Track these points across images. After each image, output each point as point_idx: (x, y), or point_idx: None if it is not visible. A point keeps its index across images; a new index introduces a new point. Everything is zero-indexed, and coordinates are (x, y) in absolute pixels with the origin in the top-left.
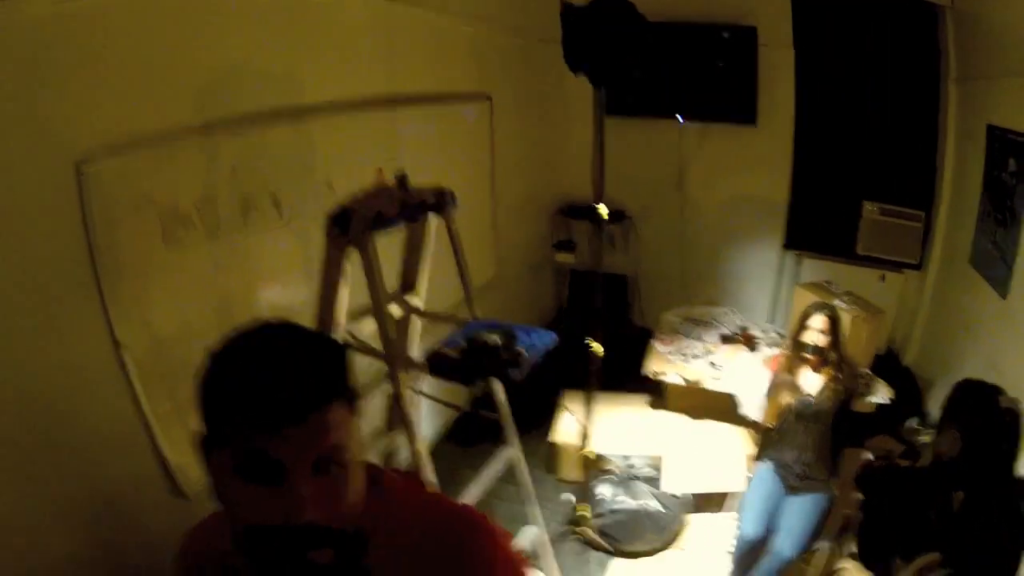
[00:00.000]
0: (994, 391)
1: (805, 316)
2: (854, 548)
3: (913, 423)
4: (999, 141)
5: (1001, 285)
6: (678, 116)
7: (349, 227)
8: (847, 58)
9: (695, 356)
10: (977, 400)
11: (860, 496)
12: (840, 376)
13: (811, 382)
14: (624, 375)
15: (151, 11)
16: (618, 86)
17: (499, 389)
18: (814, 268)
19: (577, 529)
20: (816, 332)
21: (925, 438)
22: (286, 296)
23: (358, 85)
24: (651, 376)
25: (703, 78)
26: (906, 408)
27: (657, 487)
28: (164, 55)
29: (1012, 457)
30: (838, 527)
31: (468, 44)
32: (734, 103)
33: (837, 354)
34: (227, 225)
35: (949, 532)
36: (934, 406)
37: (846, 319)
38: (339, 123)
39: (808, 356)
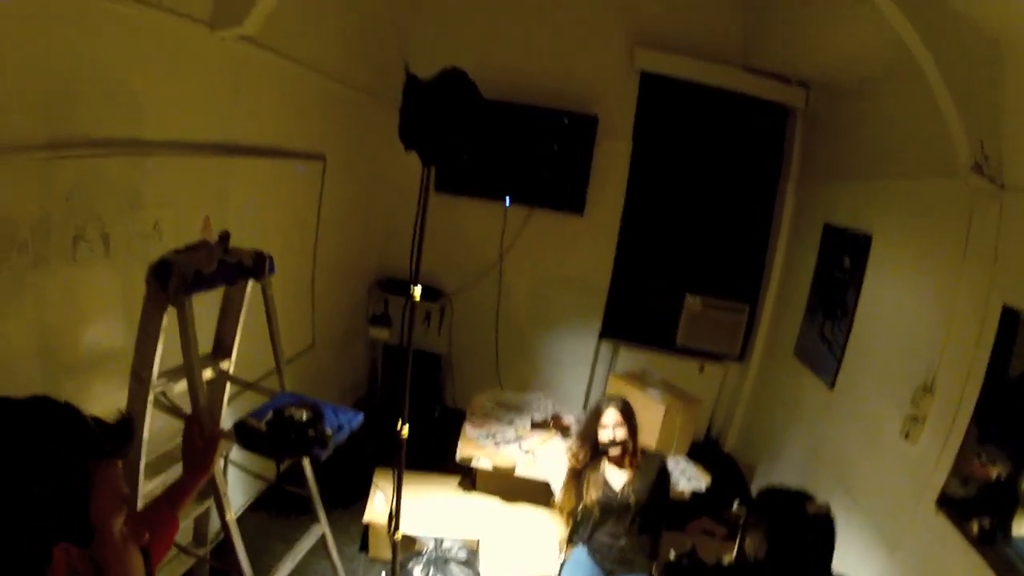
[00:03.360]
0: (802, 497)
1: (597, 414)
2: None
3: (736, 506)
4: (835, 239)
5: (828, 375)
6: (506, 198)
7: (169, 282)
8: (686, 153)
9: (507, 441)
10: (785, 506)
11: None
12: (640, 464)
13: (616, 477)
14: (436, 456)
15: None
16: (447, 167)
17: (308, 464)
18: (631, 357)
19: None
20: (612, 428)
21: None
22: (104, 339)
23: (198, 127)
24: (460, 461)
25: (537, 161)
26: (729, 492)
27: (470, 569)
28: (13, 54)
29: (825, 558)
30: None
31: (311, 99)
32: (565, 190)
33: (634, 442)
34: (57, 254)
35: None
36: (757, 490)
37: (659, 409)
38: (174, 163)
39: (612, 453)
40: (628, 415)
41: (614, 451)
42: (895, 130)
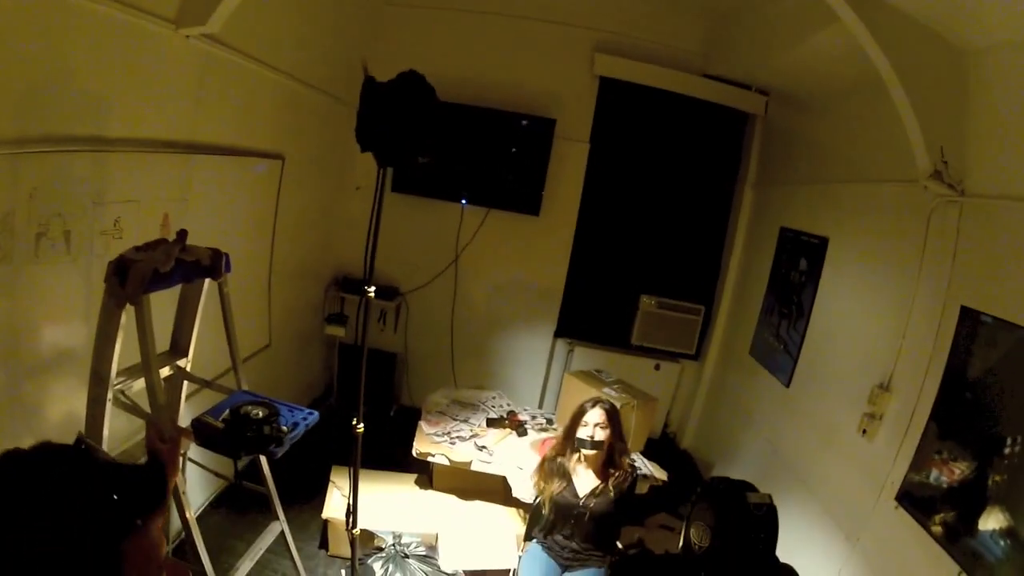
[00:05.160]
0: (743, 487)
1: (581, 412)
2: None
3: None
4: (792, 242)
5: (784, 375)
6: (462, 199)
7: (127, 280)
8: (643, 156)
9: (461, 438)
10: (727, 495)
11: None
12: (617, 474)
13: (584, 481)
14: (392, 453)
15: None
16: (403, 168)
17: (265, 462)
18: (586, 356)
19: None
20: (594, 426)
21: None
22: (65, 339)
23: (161, 125)
24: (417, 456)
25: (495, 163)
26: (686, 487)
27: (429, 565)
28: None
29: (768, 546)
30: None
31: (272, 98)
32: (521, 191)
33: (623, 444)
34: (21, 252)
35: None
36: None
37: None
38: (136, 160)
39: (587, 452)
40: (614, 419)
41: (588, 452)
42: (854, 137)
